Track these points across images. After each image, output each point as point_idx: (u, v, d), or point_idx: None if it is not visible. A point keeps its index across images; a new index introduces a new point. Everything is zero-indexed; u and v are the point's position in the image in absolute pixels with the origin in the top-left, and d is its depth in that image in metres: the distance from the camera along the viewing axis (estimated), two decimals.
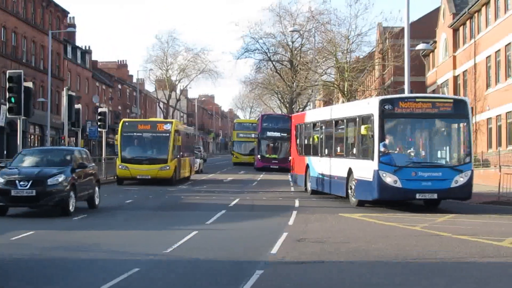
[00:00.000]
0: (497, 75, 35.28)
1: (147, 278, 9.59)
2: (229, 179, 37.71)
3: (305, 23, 55.93)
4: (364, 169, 19.19)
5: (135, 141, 31.85)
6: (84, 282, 9.45)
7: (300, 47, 62.99)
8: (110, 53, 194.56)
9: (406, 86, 24.80)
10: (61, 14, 58.27)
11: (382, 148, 18.45)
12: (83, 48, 68.46)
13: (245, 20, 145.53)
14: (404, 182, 18.23)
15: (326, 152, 23.53)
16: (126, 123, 32.72)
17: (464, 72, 41.39)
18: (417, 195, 18.62)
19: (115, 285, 9.02)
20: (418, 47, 30.80)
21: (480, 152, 34.95)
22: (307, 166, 25.68)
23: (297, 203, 21.41)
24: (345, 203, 21.10)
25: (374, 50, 48.40)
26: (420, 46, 31.04)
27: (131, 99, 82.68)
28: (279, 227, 15.23)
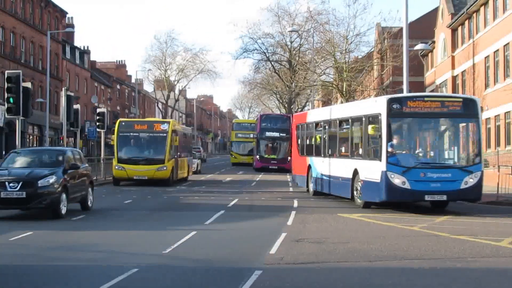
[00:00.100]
0: (496, 75, 35.32)
1: (146, 279, 9.60)
2: (227, 179, 37.68)
3: (303, 23, 56.00)
4: (371, 170, 18.76)
5: (132, 141, 31.43)
6: (83, 282, 9.48)
7: (298, 47, 63.06)
8: (109, 53, 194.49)
9: (404, 86, 24.71)
10: (60, 14, 58.27)
11: (390, 148, 18.01)
12: (82, 48, 68.37)
13: (244, 20, 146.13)
14: (413, 184, 17.77)
15: (329, 152, 23.01)
16: (123, 123, 32.31)
17: (462, 72, 41.40)
18: (426, 197, 18.06)
19: (115, 285, 9.04)
20: (416, 47, 30.78)
21: None
22: (309, 167, 25.26)
23: (296, 204, 21.38)
24: (344, 204, 21.08)
25: (372, 50, 48.45)
26: (419, 46, 31.01)
27: (129, 99, 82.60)
28: (278, 227, 15.22)
